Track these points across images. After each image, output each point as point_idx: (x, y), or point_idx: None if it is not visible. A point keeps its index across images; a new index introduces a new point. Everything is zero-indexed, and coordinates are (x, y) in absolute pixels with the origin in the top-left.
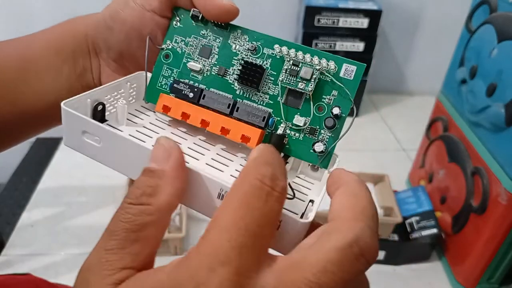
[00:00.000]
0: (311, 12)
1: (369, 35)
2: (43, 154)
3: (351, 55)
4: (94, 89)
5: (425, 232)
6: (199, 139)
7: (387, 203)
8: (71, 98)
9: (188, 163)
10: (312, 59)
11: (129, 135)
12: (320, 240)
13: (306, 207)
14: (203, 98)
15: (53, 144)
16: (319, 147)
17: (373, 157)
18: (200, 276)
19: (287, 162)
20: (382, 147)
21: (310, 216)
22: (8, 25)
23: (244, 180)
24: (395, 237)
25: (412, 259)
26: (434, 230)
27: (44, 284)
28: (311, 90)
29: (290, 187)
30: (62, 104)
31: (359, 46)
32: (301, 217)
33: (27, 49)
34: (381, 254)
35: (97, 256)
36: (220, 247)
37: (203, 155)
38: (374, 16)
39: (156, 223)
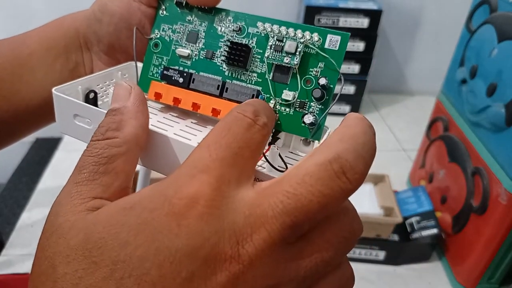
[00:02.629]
0: (311, 11)
1: (369, 35)
2: (43, 154)
3: (351, 55)
4: (85, 77)
5: (425, 232)
6: (191, 122)
7: (387, 203)
8: (62, 85)
9: (171, 132)
10: (295, 32)
11: None
12: (301, 161)
13: None
14: (192, 82)
15: (53, 144)
16: (308, 118)
17: None
18: (180, 182)
19: (278, 138)
20: (382, 147)
21: None
22: (8, 25)
23: (227, 114)
24: (395, 237)
25: (412, 259)
26: (434, 230)
27: None
28: (296, 64)
29: (282, 160)
30: (53, 90)
31: (359, 46)
32: None
33: (21, 47)
34: (381, 254)
35: (67, 191)
36: (200, 159)
37: (195, 135)
38: (374, 16)
39: (125, 155)
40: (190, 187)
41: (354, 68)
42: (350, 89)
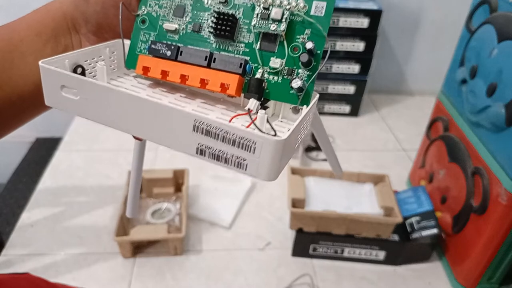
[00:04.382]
0: None
1: (369, 35)
2: (43, 154)
3: (351, 55)
4: (73, 52)
5: (425, 232)
6: (180, 95)
7: (387, 203)
8: (49, 58)
9: (160, 100)
10: (281, 0)
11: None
12: None
13: None
14: (180, 55)
15: (53, 144)
16: (296, 83)
17: (373, 157)
18: None
19: (267, 107)
20: (382, 147)
21: (283, 136)
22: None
23: None
24: (395, 237)
25: (413, 259)
26: (435, 230)
27: (42, 283)
28: (283, 30)
29: (270, 125)
30: (40, 62)
31: (359, 46)
32: None
33: (11, 33)
34: (381, 254)
35: None
36: None
37: (184, 107)
38: (374, 16)
39: None
40: None
41: (354, 68)
42: (350, 89)
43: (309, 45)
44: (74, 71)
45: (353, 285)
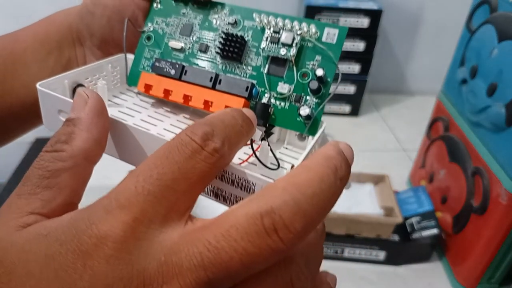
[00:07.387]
0: (311, 11)
1: (369, 35)
2: None
3: (351, 55)
4: (72, 71)
5: (426, 233)
6: (183, 116)
7: (387, 203)
8: (47, 80)
9: (161, 122)
10: (292, 24)
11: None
12: (240, 204)
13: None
14: (185, 74)
15: None
16: (304, 110)
17: (373, 157)
18: (95, 216)
19: (272, 133)
20: (382, 147)
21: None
22: (8, 25)
23: (176, 136)
24: (396, 238)
25: (413, 259)
26: (435, 231)
27: None
28: (293, 55)
29: (275, 157)
30: (37, 85)
31: (359, 45)
32: None
33: (14, 42)
34: (381, 254)
35: (8, 202)
36: (123, 191)
37: None
38: (375, 15)
39: (70, 170)
40: (103, 225)
41: (354, 68)
42: (350, 89)
43: (320, 72)
44: (75, 90)
45: (353, 285)
